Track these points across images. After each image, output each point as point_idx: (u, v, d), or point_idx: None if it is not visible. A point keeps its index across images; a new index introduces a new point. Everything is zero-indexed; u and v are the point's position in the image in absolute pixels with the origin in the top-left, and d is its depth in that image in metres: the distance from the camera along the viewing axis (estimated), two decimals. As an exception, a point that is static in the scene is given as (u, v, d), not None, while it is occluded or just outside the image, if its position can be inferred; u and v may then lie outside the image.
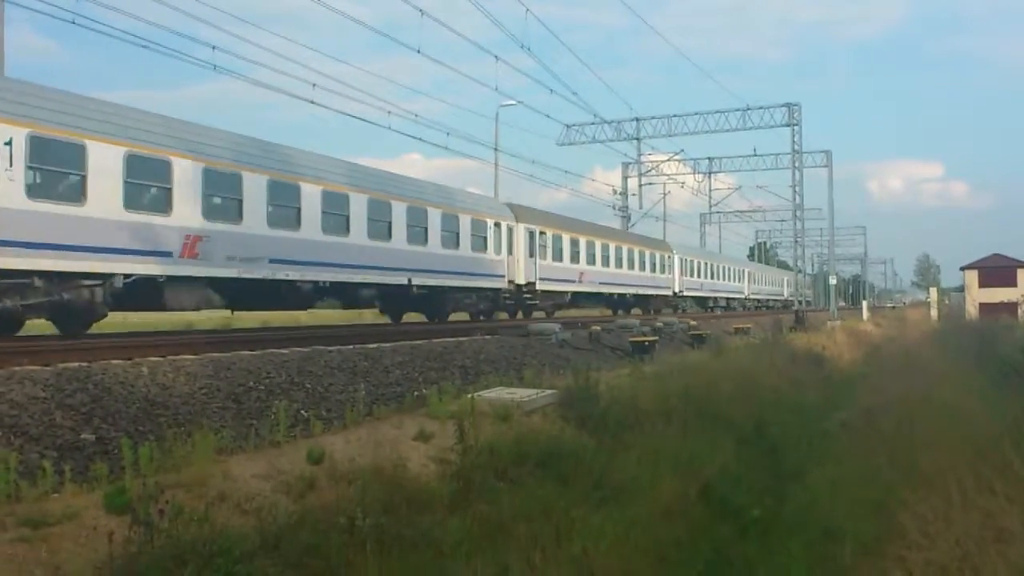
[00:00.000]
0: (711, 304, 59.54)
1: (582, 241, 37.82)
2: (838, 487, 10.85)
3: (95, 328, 17.21)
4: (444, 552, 7.13)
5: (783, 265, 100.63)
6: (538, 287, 32.33)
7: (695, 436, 12.65)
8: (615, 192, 56.69)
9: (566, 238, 36.09)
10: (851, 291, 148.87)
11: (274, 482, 7.98)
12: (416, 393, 12.90)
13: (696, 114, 50.04)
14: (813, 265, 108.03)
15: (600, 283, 39.70)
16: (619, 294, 42.69)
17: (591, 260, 38.71)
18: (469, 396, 11.41)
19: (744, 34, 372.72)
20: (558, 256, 34.94)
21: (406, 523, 7.51)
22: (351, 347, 15.20)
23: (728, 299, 63.94)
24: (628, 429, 12.23)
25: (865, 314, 60.74)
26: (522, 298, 31.98)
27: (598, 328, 24.75)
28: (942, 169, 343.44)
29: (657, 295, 47.72)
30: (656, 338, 24.11)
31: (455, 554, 7.12)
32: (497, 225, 29.98)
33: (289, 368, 12.56)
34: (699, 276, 55.67)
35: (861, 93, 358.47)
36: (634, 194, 57.08)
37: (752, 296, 71.78)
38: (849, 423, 15.49)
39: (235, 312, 22.87)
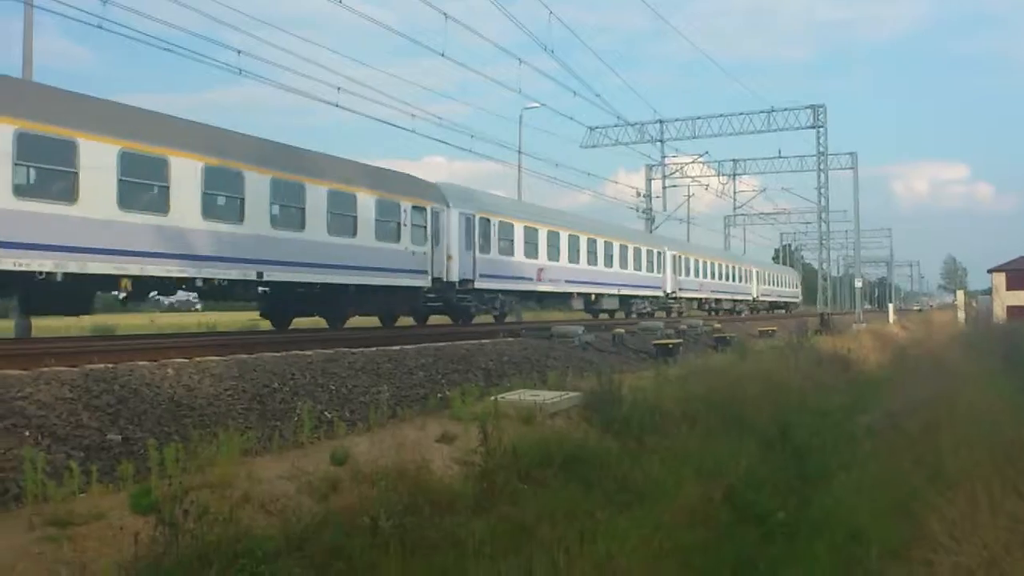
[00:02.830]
0: (597, 306, 37.87)
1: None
2: (864, 490, 10.76)
3: (122, 329, 17.33)
4: (468, 553, 7.12)
5: (807, 268, 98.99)
6: None
7: (719, 439, 12.59)
8: (639, 194, 56.59)
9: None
10: (877, 294, 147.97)
11: (298, 483, 8.00)
12: (439, 395, 12.90)
13: (720, 116, 49.99)
14: (839, 267, 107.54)
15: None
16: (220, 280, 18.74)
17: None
18: (492, 398, 11.42)
19: (766, 34, 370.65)
20: None
21: (429, 524, 7.52)
22: (374, 349, 15.24)
23: (629, 296, 40.82)
24: (652, 432, 12.19)
25: (891, 317, 60.27)
26: None
27: (622, 331, 24.72)
28: (967, 171, 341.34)
29: (387, 285, 23.86)
30: (680, 341, 24.08)
31: (479, 555, 7.11)
32: None
33: (313, 369, 12.60)
34: (528, 254, 31.48)
35: (885, 93, 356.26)
36: (658, 196, 56.97)
37: (681, 294, 47.74)
38: (875, 426, 15.36)
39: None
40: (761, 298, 65.95)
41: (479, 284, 27.93)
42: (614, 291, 38.96)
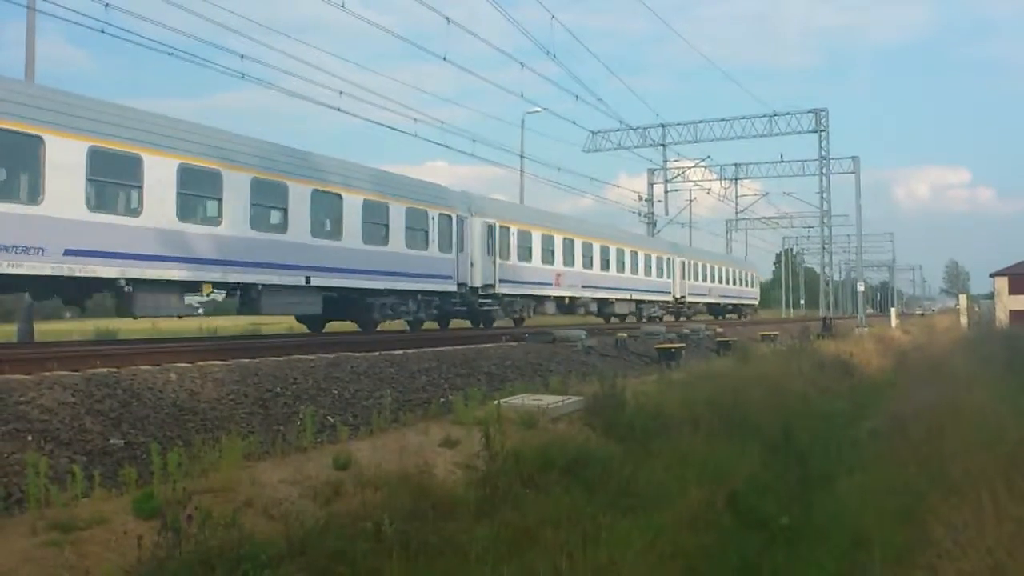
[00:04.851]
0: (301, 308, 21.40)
1: None
2: (867, 495, 10.72)
3: (124, 334, 17.35)
4: (470, 558, 7.10)
5: (810, 273, 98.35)
6: None
7: (722, 443, 12.55)
8: (641, 198, 56.56)
9: None
10: (879, 298, 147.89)
11: (301, 488, 7.99)
12: (442, 399, 12.90)
13: (722, 120, 50.09)
14: (841, 271, 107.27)
15: None
16: None
17: None
18: (495, 402, 11.39)
19: (769, 40, 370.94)
20: None
21: (432, 529, 7.50)
22: (377, 353, 15.23)
23: (360, 291, 22.37)
24: (655, 436, 12.15)
25: (894, 321, 60.13)
26: None
27: (624, 335, 24.72)
28: (969, 175, 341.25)
29: None
30: (683, 345, 24.09)
31: (481, 561, 7.08)
32: None
33: (316, 374, 12.60)
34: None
35: (888, 98, 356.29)
36: (660, 200, 56.94)
37: (508, 289, 29.01)
38: (878, 431, 15.32)
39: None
40: (690, 299, 48.98)
41: None
42: (304, 279, 20.49)
